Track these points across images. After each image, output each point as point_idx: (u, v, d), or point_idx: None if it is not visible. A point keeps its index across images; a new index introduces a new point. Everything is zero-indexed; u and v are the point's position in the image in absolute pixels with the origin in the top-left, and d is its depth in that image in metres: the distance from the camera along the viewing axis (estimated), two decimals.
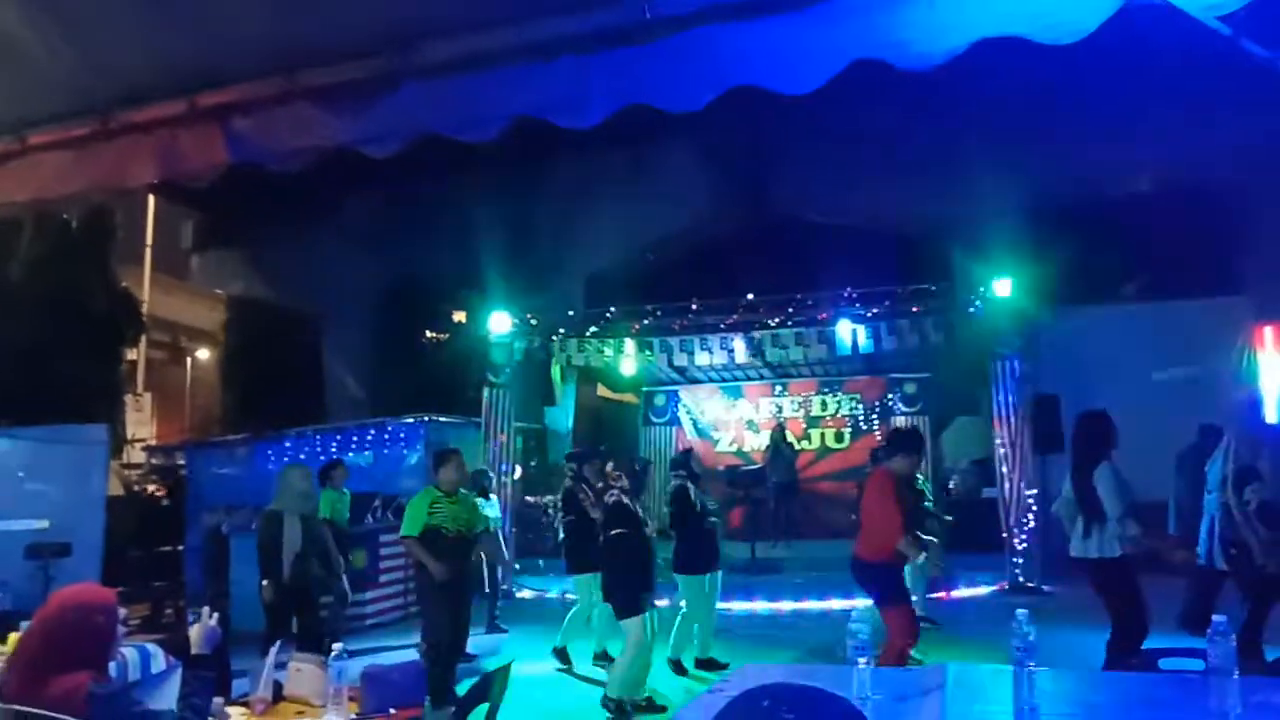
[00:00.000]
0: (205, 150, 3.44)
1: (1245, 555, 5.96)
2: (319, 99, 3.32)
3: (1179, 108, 12.06)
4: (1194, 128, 12.21)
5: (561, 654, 8.07)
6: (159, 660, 4.41)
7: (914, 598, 6.90)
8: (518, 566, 12.46)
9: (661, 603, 7.17)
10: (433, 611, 6.71)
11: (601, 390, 16.01)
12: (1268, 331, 12.05)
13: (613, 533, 6.39)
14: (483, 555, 8.74)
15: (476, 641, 8.50)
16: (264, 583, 6.93)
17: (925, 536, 6.70)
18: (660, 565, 6.94)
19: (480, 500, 9.72)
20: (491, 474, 10.69)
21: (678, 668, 7.61)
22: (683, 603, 7.66)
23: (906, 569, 6.43)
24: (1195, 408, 9.19)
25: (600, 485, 7.86)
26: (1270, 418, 11.01)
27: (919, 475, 7.87)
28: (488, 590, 9.47)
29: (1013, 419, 11.39)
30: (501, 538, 10.32)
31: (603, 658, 7.96)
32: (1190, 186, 13.30)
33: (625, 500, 6.49)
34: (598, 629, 8.01)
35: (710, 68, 3.04)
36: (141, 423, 21.68)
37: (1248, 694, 2.82)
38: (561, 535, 8.44)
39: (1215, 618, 2.95)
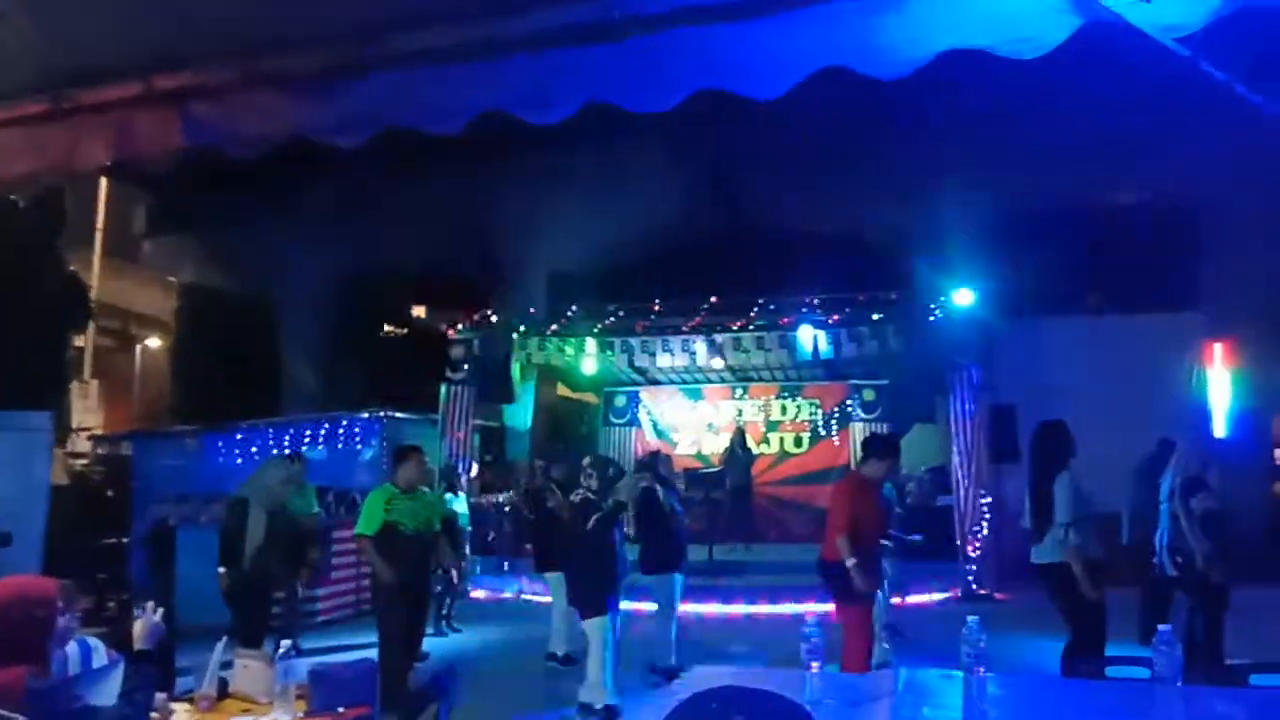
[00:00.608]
0: (161, 134, 3.35)
1: (1190, 564, 6.09)
2: (281, 86, 3.25)
3: (1140, 126, 12.33)
4: (1154, 146, 12.48)
5: (563, 659, 7.93)
6: (100, 655, 4.29)
7: (877, 606, 6.86)
8: (479, 568, 12.38)
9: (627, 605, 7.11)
10: (386, 612, 6.53)
11: (561, 389, 15.94)
12: (1217, 348, 12.35)
13: (579, 533, 6.32)
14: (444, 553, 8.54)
15: (430, 642, 8.42)
16: (220, 570, 6.81)
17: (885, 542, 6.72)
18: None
19: (450, 496, 9.65)
20: (461, 469, 10.55)
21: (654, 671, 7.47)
22: (653, 605, 7.63)
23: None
24: (1150, 420, 9.37)
25: (565, 483, 7.84)
26: (1218, 431, 11.29)
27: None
28: (445, 589, 9.34)
29: (969, 427, 11.54)
30: (465, 534, 10.22)
31: (551, 659, 7.92)
32: (1148, 204, 13.59)
33: (593, 499, 6.42)
34: (554, 628, 7.94)
35: (677, 69, 3.03)
36: (88, 411, 21.16)
37: (1191, 702, 2.87)
38: (532, 535, 8.49)
39: (1161, 627, 3.00)
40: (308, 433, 12.61)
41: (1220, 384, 12.34)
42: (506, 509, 13.33)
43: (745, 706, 1.04)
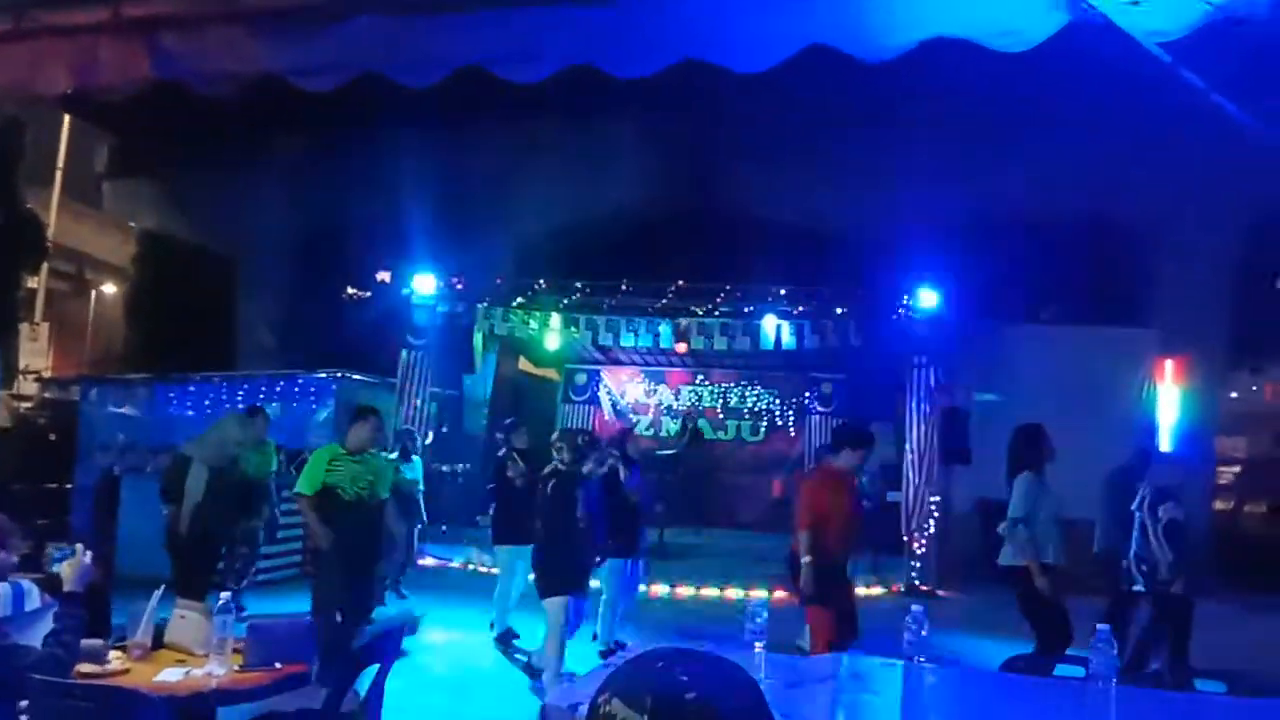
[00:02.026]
0: (127, 63, 3.22)
1: (1155, 573, 6.17)
2: (257, 23, 3.15)
3: (1107, 142, 12.48)
4: (1118, 162, 12.65)
5: (504, 636, 7.70)
6: (34, 598, 4.20)
7: None
8: (427, 536, 12.27)
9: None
10: (323, 577, 6.24)
11: (523, 364, 15.85)
12: (1169, 364, 12.60)
13: (547, 508, 6.08)
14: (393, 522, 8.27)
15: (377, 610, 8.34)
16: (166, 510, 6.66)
17: None
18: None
19: (404, 464, 9.51)
20: (417, 435, 10.40)
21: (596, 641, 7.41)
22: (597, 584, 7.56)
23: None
24: (1099, 431, 9.54)
25: (527, 454, 7.73)
26: (1164, 446, 11.52)
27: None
28: (395, 556, 9.11)
29: (923, 427, 11.68)
30: (421, 501, 10.06)
31: (505, 638, 7.69)
32: (1108, 218, 13.78)
33: (563, 471, 6.17)
34: (498, 604, 7.82)
35: (664, 37, 2.99)
36: (36, 353, 20.68)
37: (1122, 702, 2.93)
38: (491, 506, 8.15)
39: (1099, 627, 3.05)
40: (262, 389, 12.41)
41: (1169, 400, 12.60)
42: (460, 479, 13.26)
43: (690, 666, 1.02)
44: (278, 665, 3.55)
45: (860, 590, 11.04)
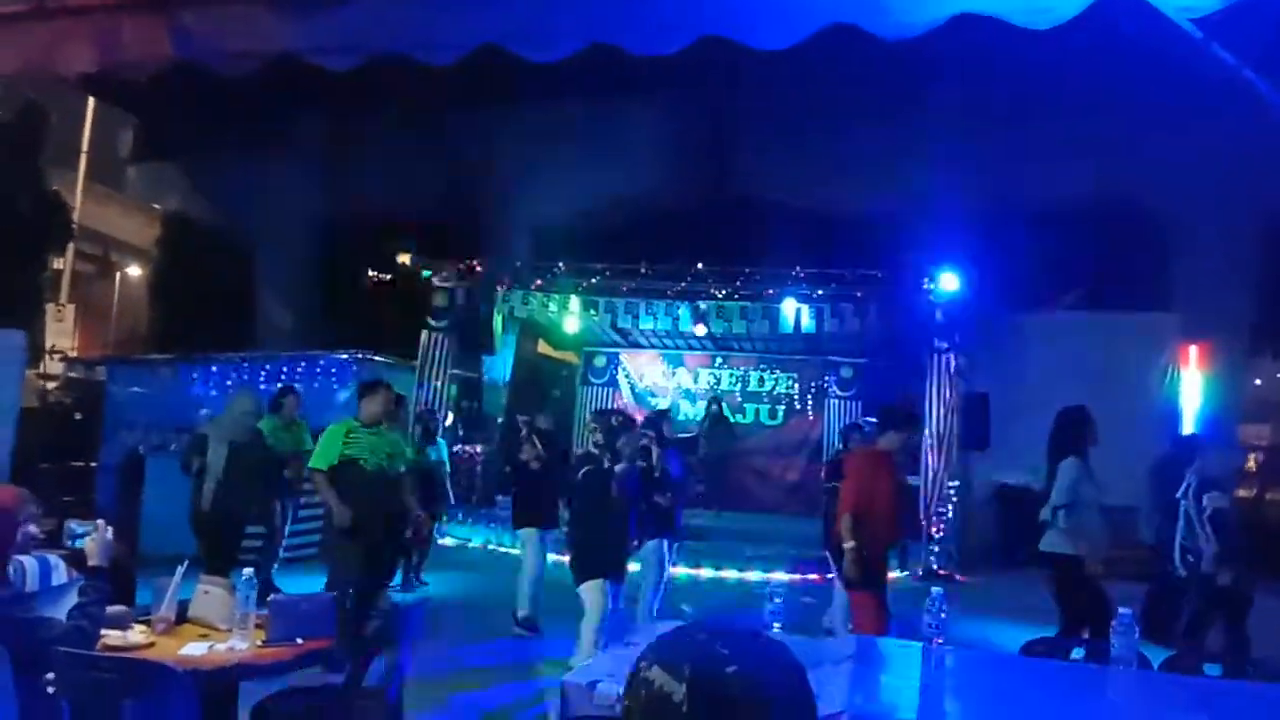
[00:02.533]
0: (148, 42, 3.24)
1: (1199, 562, 6.05)
2: (275, 1, 3.16)
3: (1130, 126, 12.33)
4: (1143, 148, 12.50)
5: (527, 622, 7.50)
6: (60, 573, 4.26)
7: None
8: (446, 518, 12.33)
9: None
10: (338, 551, 6.13)
11: (542, 346, 15.88)
12: (1192, 350, 12.46)
13: (582, 491, 5.88)
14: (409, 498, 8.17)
15: (398, 596, 8.34)
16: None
17: None
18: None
19: (429, 445, 9.50)
20: (440, 416, 10.28)
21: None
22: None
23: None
24: (1122, 418, 9.44)
25: (551, 435, 7.62)
26: (1186, 430, 11.41)
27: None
28: (414, 539, 9.06)
29: (943, 412, 11.61)
30: (448, 483, 9.99)
31: (526, 624, 7.51)
32: (1132, 204, 13.62)
33: (595, 454, 5.96)
34: (519, 589, 7.59)
35: (683, 13, 2.97)
36: (62, 334, 20.90)
37: (1143, 685, 2.91)
38: (511, 488, 7.97)
39: (1121, 610, 3.03)
40: (283, 369, 12.50)
41: (1192, 386, 12.47)
42: (480, 460, 13.31)
43: (732, 640, 1.03)
44: (300, 640, 3.58)
45: None
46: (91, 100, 22.64)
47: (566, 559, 6.20)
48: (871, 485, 5.48)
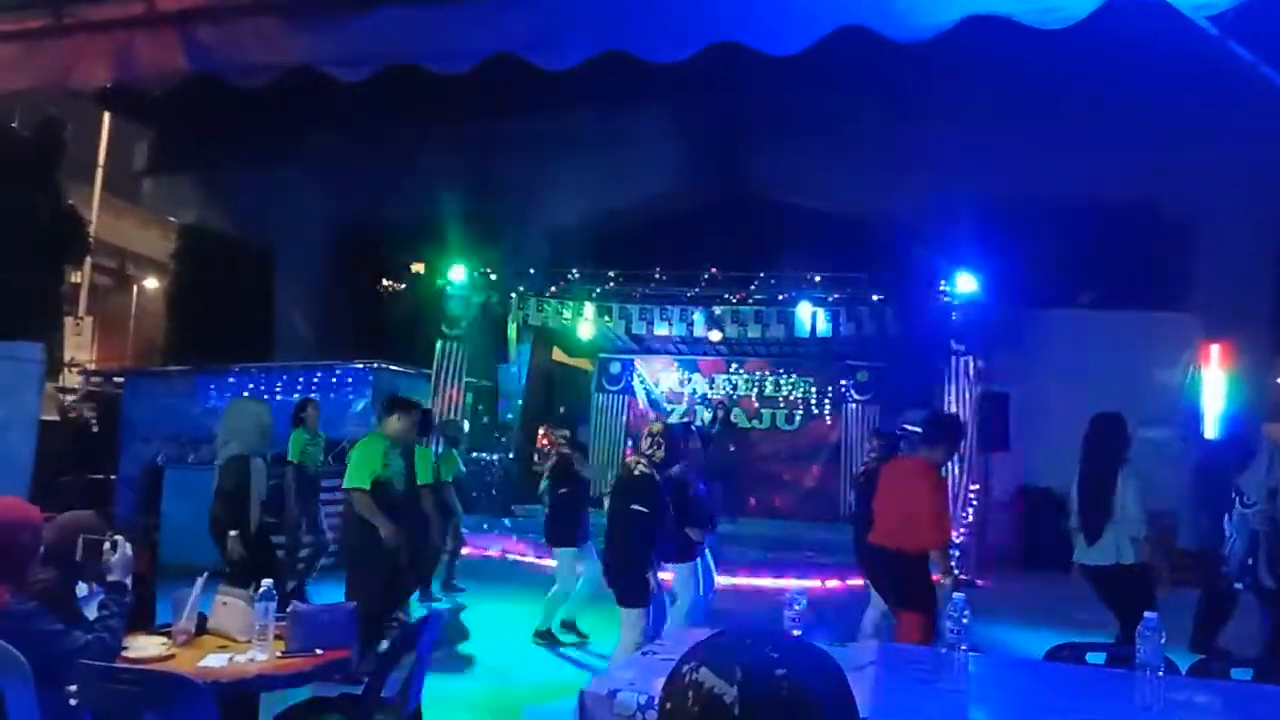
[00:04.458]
0: (163, 56, 3.27)
1: (1257, 569, 5.83)
2: (288, 13, 3.17)
3: (1148, 124, 12.24)
4: (1160, 146, 12.40)
5: (546, 635, 7.40)
6: (81, 585, 4.29)
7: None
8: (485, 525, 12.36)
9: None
10: (366, 571, 6.02)
11: (557, 354, 15.90)
12: (1214, 349, 12.33)
13: (630, 510, 5.51)
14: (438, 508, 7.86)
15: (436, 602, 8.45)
16: (232, 534, 6.20)
17: None
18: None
19: (454, 452, 9.52)
20: (462, 425, 10.17)
21: None
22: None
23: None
24: (1144, 418, 9.34)
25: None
26: (1209, 433, 11.29)
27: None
28: (448, 546, 8.98)
29: (962, 414, 11.51)
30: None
31: (570, 628, 7.51)
32: (1150, 201, 13.51)
33: (652, 474, 5.57)
34: (574, 598, 7.45)
35: (695, 20, 2.96)
36: (80, 347, 21.08)
37: (1171, 691, 2.87)
38: (548, 506, 7.74)
39: (1147, 615, 2.99)
40: (300, 380, 12.56)
41: (1215, 386, 12.34)
42: (496, 469, 13.34)
43: (779, 644, 1.04)
44: (319, 651, 3.58)
45: None
46: (107, 114, 22.89)
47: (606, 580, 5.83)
48: (945, 499, 5.28)
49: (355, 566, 6.21)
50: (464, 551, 11.70)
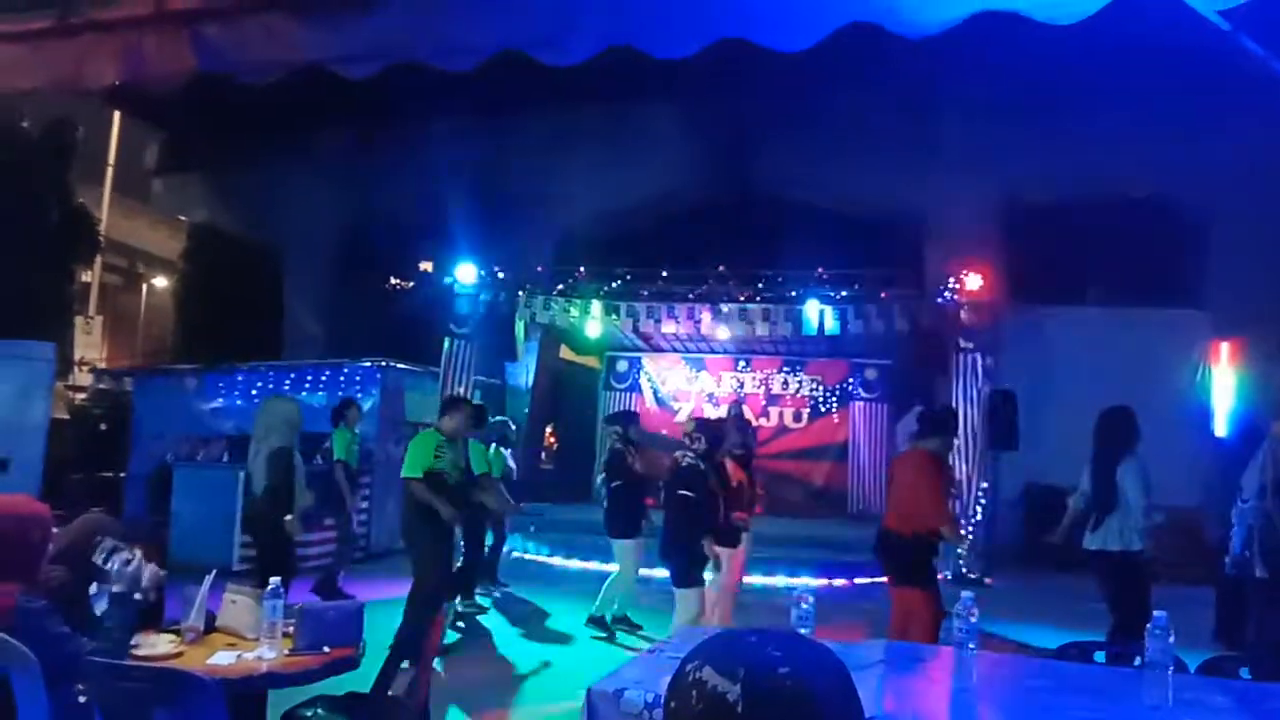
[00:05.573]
0: (171, 55, 3.27)
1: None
2: (295, 11, 3.17)
3: (1156, 120, 12.16)
4: (1168, 141, 12.31)
5: (599, 622, 7.69)
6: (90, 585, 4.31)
7: None
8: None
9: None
10: (430, 557, 6.53)
11: (565, 352, 15.90)
12: (1224, 347, 12.27)
13: (679, 496, 6.12)
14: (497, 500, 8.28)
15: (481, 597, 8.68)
16: (288, 517, 6.49)
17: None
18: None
19: (504, 452, 9.57)
20: (510, 424, 10.19)
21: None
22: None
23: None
24: (1152, 415, 9.30)
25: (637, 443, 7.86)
26: (1219, 431, 11.23)
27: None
28: (491, 542, 9.18)
29: (970, 412, 11.48)
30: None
31: (624, 622, 7.79)
32: (1158, 198, 13.42)
33: (700, 465, 6.23)
34: (609, 593, 7.75)
35: (702, 15, 2.95)
36: (90, 346, 21.19)
37: (1179, 690, 2.86)
38: (605, 500, 7.95)
39: (1156, 614, 2.98)
40: (309, 378, 12.59)
41: (1224, 384, 12.28)
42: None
43: (782, 643, 1.04)
44: (327, 649, 3.59)
45: None
46: (117, 114, 22.97)
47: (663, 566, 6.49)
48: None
49: (417, 549, 6.70)
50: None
